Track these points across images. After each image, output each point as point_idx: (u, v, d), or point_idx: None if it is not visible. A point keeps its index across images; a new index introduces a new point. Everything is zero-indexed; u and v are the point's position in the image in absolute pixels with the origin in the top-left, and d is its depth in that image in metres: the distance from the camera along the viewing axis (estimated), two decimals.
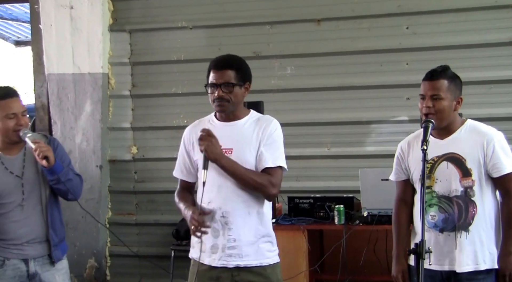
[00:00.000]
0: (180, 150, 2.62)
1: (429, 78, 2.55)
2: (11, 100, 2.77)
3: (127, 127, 5.19)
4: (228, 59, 2.52)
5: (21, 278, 2.81)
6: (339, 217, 3.91)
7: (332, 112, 4.79)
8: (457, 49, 4.53)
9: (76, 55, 5.08)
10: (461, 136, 2.57)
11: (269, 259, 2.51)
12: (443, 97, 2.51)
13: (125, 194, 5.10)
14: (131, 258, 5.07)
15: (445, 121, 2.54)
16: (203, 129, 2.44)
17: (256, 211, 2.49)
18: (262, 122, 2.52)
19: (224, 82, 2.44)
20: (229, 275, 2.47)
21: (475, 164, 2.53)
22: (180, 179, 2.65)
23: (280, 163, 2.48)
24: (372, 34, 4.72)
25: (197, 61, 4.95)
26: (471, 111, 4.00)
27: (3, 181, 2.78)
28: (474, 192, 2.54)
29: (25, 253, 2.81)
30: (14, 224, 2.78)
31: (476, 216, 2.53)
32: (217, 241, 2.45)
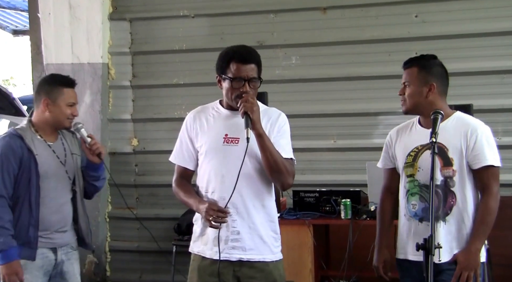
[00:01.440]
0: (182, 135, 2.57)
1: (403, 66, 2.67)
2: (74, 90, 2.93)
3: (128, 119, 5.18)
4: (251, 52, 2.49)
5: (48, 267, 2.89)
6: (346, 212, 3.90)
7: (339, 104, 4.78)
8: (468, 37, 4.49)
9: (75, 45, 5.07)
10: (447, 127, 2.58)
11: (272, 256, 2.49)
12: (410, 84, 2.61)
13: (125, 187, 5.08)
14: (132, 253, 5.10)
15: (415, 107, 2.60)
16: (247, 93, 2.40)
17: (261, 204, 2.47)
18: (270, 114, 2.51)
19: (252, 78, 2.43)
20: (231, 270, 2.45)
21: (456, 153, 2.55)
22: (179, 166, 2.59)
23: (292, 155, 2.48)
24: (379, 22, 4.69)
25: (199, 51, 4.98)
26: (482, 102, 3.98)
27: (50, 163, 2.88)
28: (454, 182, 2.55)
29: (54, 241, 2.89)
30: (49, 211, 2.86)
31: (454, 207, 2.55)
32: (220, 233, 2.42)
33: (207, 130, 2.49)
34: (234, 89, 2.42)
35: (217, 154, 2.44)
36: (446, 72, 2.67)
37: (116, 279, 4.96)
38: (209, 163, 2.46)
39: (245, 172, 2.40)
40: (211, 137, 2.47)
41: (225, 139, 2.44)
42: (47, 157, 2.89)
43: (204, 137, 2.49)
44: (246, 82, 2.41)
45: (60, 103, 2.85)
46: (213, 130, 2.48)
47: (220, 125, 2.47)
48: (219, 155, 2.43)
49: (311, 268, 3.89)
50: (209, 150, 2.47)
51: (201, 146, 2.50)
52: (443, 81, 2.64)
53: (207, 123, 2.51)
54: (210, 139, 2.47)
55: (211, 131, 2.48)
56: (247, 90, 2.41)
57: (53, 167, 2.90)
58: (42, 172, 2.86)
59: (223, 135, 2.44)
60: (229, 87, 2.43)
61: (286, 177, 2.41)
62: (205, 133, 2.49)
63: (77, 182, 2.94)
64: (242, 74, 2.41)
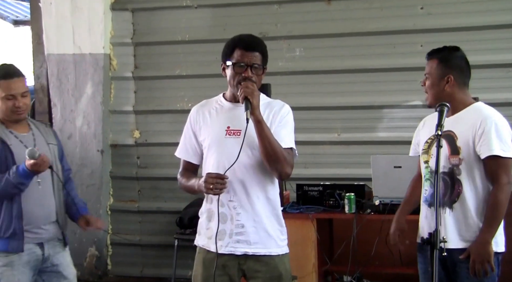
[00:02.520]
0: (186, 129, 2.57)
1: (426, 58, 2.71)
2: (11, 81, 2.82)
3: (129, 111, 5.18)
4: (257, 41, 2.50)
5: (36, 262, 2.89)
6: (350, 206, 3.88)
7: (343, 96, 4.76)
8: (473, 30, 4.47)
9: (77, 35, 5.06)
10: (462, 116, 2.64)
11: (278, 249, 2.48)
12: (429, 76, 2.67)
13: (127, 180, 5.10)
14: (133, 247, 5.10)
15: (434, 99, 2.64)
16: (248, 78, 2.40)
17: (265, 196, 2.46)
18: (273, 105, 2.51)
19: (254, 64, 2.42)
20: (236, 263, 2.45)
21: (464, 142, 2.59)
22: (183, 161, 2.59)
23: (292, 145, 2.47)
24: (384, 14, 4.66)
25: (202, 42, 4.96)
26: (487, 96, 3.95)
27: (23, 155, 2.83)
28: (460, 170, 2.59)
29: (41, 236, 2.89)
30: (32, 204, 2.86)
31: (461, 195, 2.58)
32: (225, 226, 2.42)
33: (210, 124, 2.50)
34: (237, 74, 2.42)
35: (220, 146, 2.44)
36: (467, 64, 2.69)
37: (117, 272, 4.97)
38: (212, 155, 2.47)
39: (249, 163, 2.41)
40: (214, 130, 2.48)
41: (227, 132, 2.44)
42: (20, 148, 2.86)
43: (207, 131, 2.50)
44: (249, 68, 2.41)
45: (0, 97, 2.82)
46: (216, 123, 2.49)
47: (223, 118, 2.48)
48: (221, 147, 2.43)
49: (314, 262, 3.88)
50: (212, 143, 2.47)
51: (204, 139, 2.51)
52: (463, 73, 2.67)
53: (210, 117, 2.51)
54: (212, 133, 2.48)
55: (214, 125, 2.49)
56: (249, 75, 2.40)
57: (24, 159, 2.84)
58: (18, 163, 2.83)
59: (225, 127, 2.45)
60: (232, 73, 2.44)
61: (283, 165, 2.39)
62: (208, 127, 2.50)
63: (55, 172, 2.89)
64: (244, 60, 2.42)
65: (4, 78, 2.82)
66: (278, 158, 2.36)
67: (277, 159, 2.37)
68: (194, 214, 4.52)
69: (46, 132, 2.98)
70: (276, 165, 2.38)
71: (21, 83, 2.87)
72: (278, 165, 2.38)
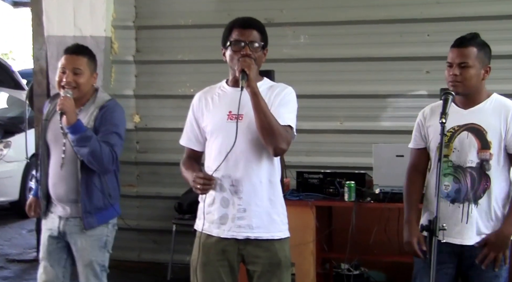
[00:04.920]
0: (189, 116, 2.61)
1: (458, 45, 2.58)
2: (71, 56, 2.96)
3: (130, 95, 5.22)
4: (254, 20, 2.53)
5: (53, 232, 3.04)
6: (350, 194, 3.92)
7: (347, 85, 4.80)
8: (483, 20, 4.48)
9: (78, 17, 5.05)
10: (485, 108, 2.61)
11: (280, 233, 2.51)
12: (471, 65, 2.55)
13: (126, 165, 5.11)
14: (131, 232, 5.11)
15: (471, 90, 2.58)
16: (247, 55, 2.41)
17: (268, 179, 2.48)
18: (275, 87, 2.53)
19: (252, 41, 2.45)
20: (236, 248, 2.48)
21: (496, 137, 2.57)
22: (186, 148, 2.64)
23: (290, 122, 2.47)
24: (392, 2, 4.70)
25: (205, 27, 4.98)
26: (499, 87, 3.92)
27: (52, 134, 2.99)
28: (490, 165, 2.58)
29: (59, 210, 3.02)
30: (54, 182, 2.99)
31: (488, 190, 2.58)
32: (227, 211, 2.46)
33: (212, 109, 2.53)
34: (235, 53, 2.44)
35: (222, 131, 2.46)
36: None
37: (114, 257, 4.90)
38: (214, 141, 2.50)
39: (250, 147, 2.44)
40: (216, 116, 2.51)
41: (229, 116, 2.46)
42: (54, 125, 2.98)
43: (209, 117, 2.53)
44: (247, 45, 2.43)
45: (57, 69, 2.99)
46: (218, 109, 2.52)
47: (225, 103, 2.50)
48: (223, 132, 2.45)
49: (313, 250, 3.93)
50: (214, 129, 2.51)
51: (206, 126, 2.54)
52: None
53: (212, 103, 2.54)
54: (214, 118, 2.51)
55: (216, 110, 2.52)
56: (247, 52, 2.42)
57: (53, 135, 2.99)
58: (48, 140, 3.00)
59: (227, 112, 2.47)
60: (231, 53, 2.46)
61: (278, 140, 2.38)
62: (210, 113, 2.53)
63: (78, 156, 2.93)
64: (242, 38, 2.44)
65: (66, 52, 2.98)
66: (273, 131, 2.36)
67: (272, 133, 2.36)
68: (193, 199, 4.61)
69: (91, 114, 2.96)
70: (271, 139, 2.38)
71: (75, 60, 2.94)
72: (273, 138, 2.38)
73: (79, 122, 2.84)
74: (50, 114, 3.05)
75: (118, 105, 3.08)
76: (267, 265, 2.48)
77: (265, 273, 2.48)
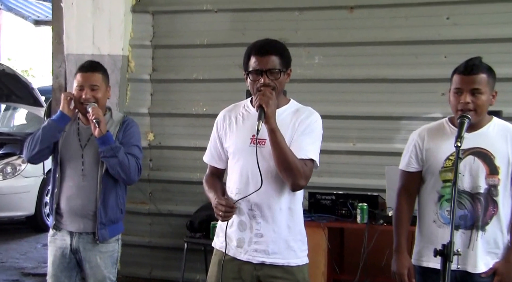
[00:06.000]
0: (213, 134, 2.59)
1: (469, 72, 2.51)
2: (85, 73, 3.04)
3: (145, 113, 5.23)
4: (271, 44, 2.45)
5: (65, 250, 3.03)
6: (362, 216, 3.90)
7: (361, 106, 4.76)
8: (499, 42, 4.45)
9: (97, 36, 5.12)
10: (489, 132, 2.57)
11: (298, 260, 2.47)
12: (483, 91, 2.50)
13: (139, 182, 5.03)
14: (143, 248, 5.13)
15: (481, 116, 2.53)
16: (266, 85, 2.36)
17: (288, 207, 2.44)
18: (301, 112, 2.47)
19: (270, 69, 2.38)
20: (252, 269, 2.45)
21: (504, 162, 2.53)
22: (209, 165, 2.63)
23: (312, 155, 2.40)
24: (409, 23, 4.66)
25: (220, 46, 5.00)
26: (510, 109, 3.92)
27: (68, 146, 3.04)
28: (498, 191, 2.53)
29: (72, 225, 3.02)
30: (70, 194, 3.01)
31: (495, 217, 2.53)
32: (244, 234, 2.44)
33: (236, 131, 2.50)
34: (254, 82, 2.41)
35: (244, 155, 2.43)
36: None
37: (126, 273, 5.01)
38: (236, 164, 2.48)
39: (273, 173, 2.38)
40: (239, 138, 2.48)
41: (252, 140, 2.41)
42: (69, 138, 3.04)
43: (232, 138, 2.50)
44: (264, 74, 2.37)
45: (73, 88, 3.04)
46: (241, 131, 2.48)
47: (248, 126, 2.45)
48: (245, 156, 2.42)
49: (324, 271, 3.90)
50: (236, 151, 2.48)
51: (229, 146, 2.51)
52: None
53: (236, 123, 2.52)
54: (237, 140, 2.48)
55: (239, 132, 2.49)
56: (266, 82, 2.36)
57: (69, 148, 3.04)
58: (60, 151, 3.03)
59: (250, 136, 2.41)
60: (250, 81, 2.43)
61: (296, 177, 2.33)
62: (233, 134, 2.50)
63: (100, 168, 2.98)
64: (259, 66, 2.38)
65: (81, 70, 3.05)
66: (290, 168, 2.31)
67: (290, 169, 2.31)
68: (205, 218, 4.62)
69: (110, 129, 3.04)
70: (288, 175, 2.33)
71: (91, 77, 3.02)
72: (290, 175, 2.33)
73: (109, 133, 2.94)
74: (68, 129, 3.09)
75: (134, 121, 3.20)
76: None
77: None
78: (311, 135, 2.42)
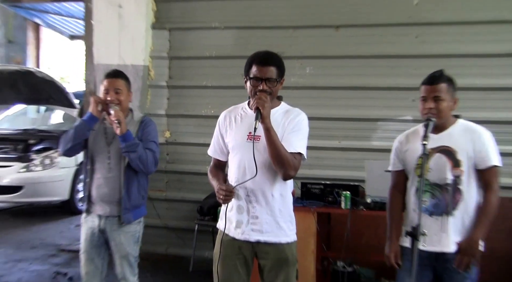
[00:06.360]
0: (215, 131, 2.60)
1: (431, 83, 2.55)
2: (111, 79, 3.02)
3: (162, 114, 5.22)
4: (271, 56, 2.47)
5: (94, 230, 3.03)
6: (346, 202, 3.87)
7: (344, 109, 4.76)
8: (460, 58, 4.46)
9: (122, 49, 5.11)
10: (453, 132, 2.58)
11: (287, 238, 2.48)
12: (443, 98, 2.53)
13: (157, 173, 5.03)
14: (160, 229, 5.12)
15: (444, 120, 2.55)
16: (263, 91, 2.37)
17: (279, 193, 2.45)
18: (290, 113, 2.48)
19: (268, 78, 2.41)
20: (250, 246, 2.47)
21: (465, 156, 2.53)
22: (213, 157, 2.63)
23: (300, 149, 2.42)
24: (385, 41, 4.67)
25: (226, 58, 4.99)
26: (470, 114, 3.90)
27: (96, 144, 3.02)
28: (462, 181, 2.53)
29: (100, 209, 3.01)
30: (99, 184, 2.99)
31: (461, 203, 2.53)
32: (242, 217, 2.45)
33: (235, 129, 2.51)
34: (254, 87, 2.42)
35: (241, 149, 2.44)
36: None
37: (146, 250, 4.90)
38: (235, 157, 2.48)
39: (266, 165, 2.38)
40: (238, 135, 2.48)
41: (248, 137, 2.43)
42: (97, 135, 3.02)
43: (232, 135, 2.51)
44: (264, 82, 2.40)
45: (101, 92, 3.03)
46: (239, 129, 2.49)
47: (245, 124, 2.47)
48: (243, 150, 2.43)
49: (313, 249, 3.87)
50: (235, 146, 2.48)
51: (229, 142, 2.52)
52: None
53: (235, 122, 2.52)
54: (236, 137, 2.49)
55: (238, 130, 2.50)
56: (264, 88, 2.39)
57: (97, 144, 3.02)
58: (90, 147, 3.01)
59: (247, 133, 2.44)
60: (250, 86, 2.44)
61: (287, 169, 2.34)
62: (233, 131, 2.51)
63: (123, 162, 2.97)
64: (260, 75, 2.40)
65: (107, 76, 3.03)
66: (283, 161, 2.33)
67: (282, 162, 2.33)
68: (213, 203, 4.59)
69: (132, 128, 3.02)
70: (280, 167, 2.35)
71: (114, 82, 3.00)
72: (282, 167, 2.34)
73: (129, 131, 2.93)
74: (96, 128, 3.07)
75: (152, 120, 3.17)
76: (276, 261, 2.46)
77: (274, 267, 2.46)
78: (299, 133, 2.44)
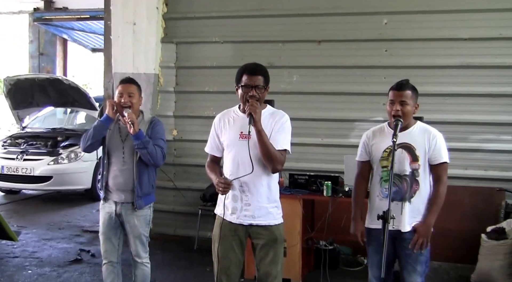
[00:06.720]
0: (212, 131, 2.59)
1: (398, 89, 2.57)
2: (125, 85, 2.98)
3: (171, 115, 5.16)
4: (259, 67, 2.48)
5: (111, 214, 2.99)
6: (327, 191, 3.84)
7: (326, 112, 4.74)
8: (422, 68, 4.47)
9: (136, 59, 5.06)
10: (413, 132, 2.61)
11: (275, 220, 2.50)
12: (408, 103, 2.56)
13: (166, 166, 5.05)
14: (169, 213, 5.08)
15: (407, 121, 2.58)
16: (253, 96, 2.37)
17: (267, 183, 2.46)
18: (276, 115, 2.50)
19: (257, 85, 2.41)
20: (244, 229, 2.48)
21: (422, 152, 2.57)
22: (210, 154, 2.63)
23: (285, 146, 2.46)
24: (359, 54, 4.66)
25: (225, 68, 4.94)
26: (430, 116, 3.93)
27: (112, 141, 2.98)
28: (419, 173, 2.57)
29: (116, 197, 2.97)
30: (115, 175, 2.95)
31: (417, 192, 2.57)
32: (236, 204, 2.46)
33: (229, 129, 2.51)
34: (244, 93, 2.43)
35: (234, 147, 2.45)
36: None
37: (156, 231, 4.94)
38: (229, 153, 2.48)
39: (256, 160, 2.39)
40: (231, 134, 2.48)
41: (240, 136, 2.44)
42: (113, 134, 2.98)
43: (226, 134, 2.50)
44: (253, 89, 2.41)
45: (116, 96, 2.98)
46: (232, 129, 2.49)
47: (237, 125, 2.47)
48: (236, 147, 2.44)
49: (299, 230, 3.84)
50: (229, 144, 2.49)
51: (224, 141, 2.52)
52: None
53: (228, 124, 2.52)
54: (230, 136, 2.49)
55: (231, 130, 2.49)
56: (254, 94, 2.40)
57: (113, 141, 2.98)
58: (107, 144, 2.97)
59: (239, 133, 2.44)
60: (241, 93, 2.45)
61: (275, 164, 2.39)
62: (227, 131, 2.51)
63: (135, 156, 2.93)
64: (250, 83, 2.41)
65: (121, 82, 3.00)
66: (272, 158, 2.36)
67: (271, 158, 2.37)
68: (214, 191, 4.48)
69: (144, 128, 2.97)
70: (269, 162, 2.38)
71: (127, 87, 2.95)
72: (271, 162, 2.38)
73: (141, 131, 2.88)
74: (112, 127, 3.02)
75: (160, 120, 3.13)
76: (267, 240, 2.46)
77: (265, 245, 2.47)
78: (284, 132, 2.46)
